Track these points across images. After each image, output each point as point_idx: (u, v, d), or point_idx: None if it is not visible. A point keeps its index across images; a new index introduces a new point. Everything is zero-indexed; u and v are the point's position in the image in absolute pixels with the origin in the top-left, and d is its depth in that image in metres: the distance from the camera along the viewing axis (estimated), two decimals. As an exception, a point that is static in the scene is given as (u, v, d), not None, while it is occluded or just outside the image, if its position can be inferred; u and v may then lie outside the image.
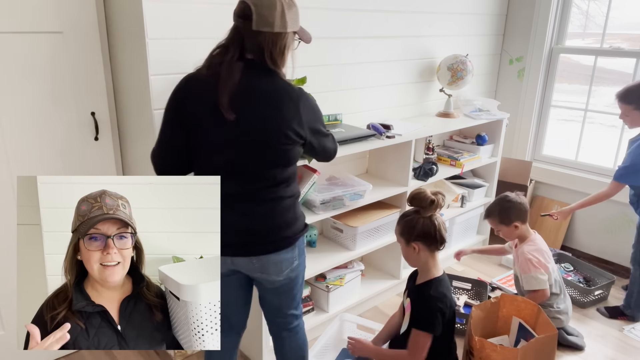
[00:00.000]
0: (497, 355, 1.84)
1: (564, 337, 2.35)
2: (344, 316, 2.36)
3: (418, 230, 1.79)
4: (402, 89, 2.88)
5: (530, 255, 2.31)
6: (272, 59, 1.41)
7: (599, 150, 3.30)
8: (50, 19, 1.83)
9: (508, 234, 2.41)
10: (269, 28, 1.36)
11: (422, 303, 1.81)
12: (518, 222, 2.35)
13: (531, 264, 2.28)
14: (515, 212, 2.35)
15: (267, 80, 1.42)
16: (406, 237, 1.83)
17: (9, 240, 1.94)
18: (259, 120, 1.39)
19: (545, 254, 2.35)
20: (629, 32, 3.24)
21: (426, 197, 1.76)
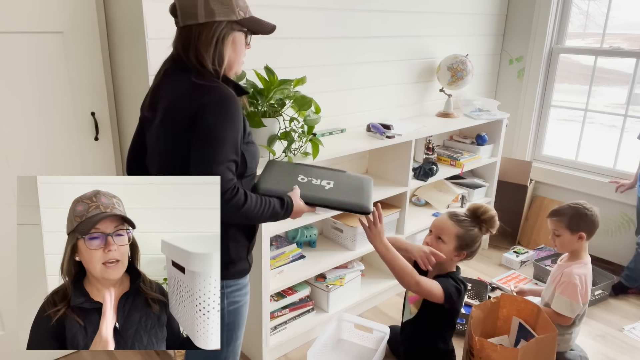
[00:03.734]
0: (497, 355, 1.84)
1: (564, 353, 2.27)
2: (341, 316, 2.36)
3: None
4: (402, 89, 2.88)
5: (579, 281, 2.13)
6: (197, 55, 1.25)
7: (599, 150, 3.30)
8: (50, 19, 1.83)
9: (567, 243, 2.22)
10: (193, 20, 1.24)
11: (442, 277, 1.87)
12: (584, 233, 2.19)
13: (574, 292, 2.12)
14: (587, 224, 2.19)
15: (178, 82, 1.28)
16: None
17: (9, 240, 1.94)
18: (159, 123, 1.34)
19: (590, 283, 2.20)
20: (629, 32, 3.24)
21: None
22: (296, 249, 2.35)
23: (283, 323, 2.29)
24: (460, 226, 1.86)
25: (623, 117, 3.14)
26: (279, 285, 2.16)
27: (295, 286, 2.34)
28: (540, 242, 3.39)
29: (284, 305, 2.30)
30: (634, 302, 2.83)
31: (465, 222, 1.88)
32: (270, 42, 2.14)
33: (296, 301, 2.35)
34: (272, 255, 2.21)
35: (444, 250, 1.86)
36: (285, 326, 2.30)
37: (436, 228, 1.92)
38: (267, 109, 1.96)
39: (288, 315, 2.31)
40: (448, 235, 1.87)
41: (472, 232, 1.87)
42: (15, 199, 1.84)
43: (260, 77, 1.94)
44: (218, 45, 1.26)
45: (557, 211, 2.26)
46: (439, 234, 1.90)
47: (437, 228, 1.91)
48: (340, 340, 2.38)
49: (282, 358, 2.29)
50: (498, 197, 3.34)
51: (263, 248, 1.99)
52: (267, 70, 1.95)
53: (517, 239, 3.48)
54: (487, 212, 1.88)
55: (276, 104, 1.97)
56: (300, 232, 2.44)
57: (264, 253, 2.00)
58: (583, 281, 2.15)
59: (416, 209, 3.02)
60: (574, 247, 2.23)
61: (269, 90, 1.91)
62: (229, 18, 1.25)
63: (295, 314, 2.35)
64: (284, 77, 1.97)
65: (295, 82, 1.97)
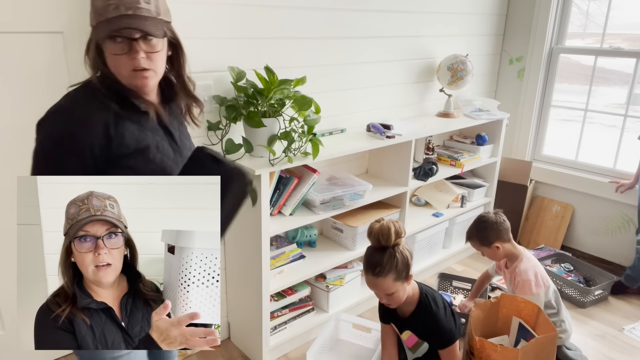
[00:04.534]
0: (497, 355, 1.84)
1: (564, 353, 2.27)
2: (339, 316, 2.36)
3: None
4: (402, 89, 2.89)
5: (528, 275, 2.17)
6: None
7: (599, 150, 3.30)
8: (50, 19, 1.83)
9: (492, 256, 2.27)
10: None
11: (434, 325, 1.79)
12: (498, 243, 2.21)
13: (529, 287, 2.15)
14: (494, 232, 2.21)
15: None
16: None
17: (9, 240, 1.94)
18: None
19: (541, 270, 2.24)
20: (629, 32, 3.24)
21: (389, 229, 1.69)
22: (296, 249, 2.35)
23: (283, 323, 2.30)
24: (388, 272, 1.70)
25: (623, 117, 3.15)
26: (279, 285, 2.16)
27: (295, 286, 2.34)
28: (540, 242, 3.39)
29: (284, 305, 2.30)
30: (634, 302, 2.83)
31: (387, 263, 1.70)
32: (270, 42, 2.14)
33: (296, 301, 2.35)
34: (272, 255, 2.21)
35: (399, 295, 1.76)
36: (285, 326, 2.30)
37: (379, 290, 1.76)
38: (267, 109, 1.96)
39: (288, 315, 2.31)
40: (392, 287, 1.73)
41: (397, 262, 1.70)
42: (16, 199, 1.84)
43: (260, 77, 1.94)
44: (88, 54, 1.24)
45: (467, 234, 2.33)
46: (384, 292, 1.75)
47: (378, 290, 1.76)
48: (339, 341, 2.38)
49: (282, 358, 2.29)
50: (498, 197, 3.34)
51: (263, 248, 1.99)
52: (267, 70, 1.95)
53: (517, 239, 3.48)
54: (389, 233, 1.68)
55: (276, 104, 1.97)
56: (300, 232, 2.44)
57: (264, 253, 2.00)
58: (533, 272, 2.19)
59: (416, 209, 3.02)
60: (500, 256, 2.26)
61: (269, 90, 1.92)
62: (93, 24, 1.20)
63: (296, 314, 2.35)
64: (284, 77, 1.97)
65: (295, 82, 1.97)
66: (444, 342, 1.80)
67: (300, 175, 2.18)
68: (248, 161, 1.95)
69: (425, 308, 1.81)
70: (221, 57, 2.00)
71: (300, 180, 2.18)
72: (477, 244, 2.29)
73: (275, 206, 2.16)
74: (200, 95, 1.95)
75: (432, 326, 1.80)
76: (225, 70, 1.97)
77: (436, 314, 1.80)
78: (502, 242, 2.23)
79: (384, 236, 1.69)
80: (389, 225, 1.70)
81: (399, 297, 1.76)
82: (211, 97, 1.99)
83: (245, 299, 2.20)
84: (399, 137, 2.45)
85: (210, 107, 2.01)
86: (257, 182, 1.90)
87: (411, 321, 1.86)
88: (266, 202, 1.95)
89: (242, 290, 2.21)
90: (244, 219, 2.02)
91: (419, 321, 1.83)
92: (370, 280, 1.75)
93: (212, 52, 1.97)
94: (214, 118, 2.03)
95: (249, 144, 1.95)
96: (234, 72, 1.93)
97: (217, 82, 2.01)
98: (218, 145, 2.02)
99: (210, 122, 2.00)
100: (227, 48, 2.01)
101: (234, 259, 2.21)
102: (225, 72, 1.99)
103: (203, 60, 1.95)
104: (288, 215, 2.18)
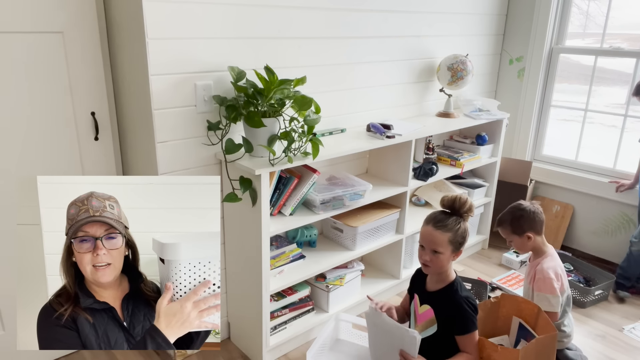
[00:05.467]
0: (498, 356, 1.83)
1: (564, 353, 2.25)
2: (339, 316, 2.36)
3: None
4: (402, 89, 2.88)
5: (550, 274, 2.13)
6: None
7: (599, 150, 3.30)
8: (50, 19, 1.83)
9: (521, 246, 2.24)
10: None
11: (459, 307, 1.80)
12: (531, 233, 2.18)
13: (550, 286, 2.12)
14: (529, 222, 2.18)
15: None
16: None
17: (9, 240, 1.94)
18: None
19: (562, 272, 2.21)
20: (629, 32, 3.24)
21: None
22: (296, 249, 2.35)
23: (283, 323, 2.30)
24: (449, 230, 1.78)
25: (623, 117, 3.14)
26: (279, 285, 2.16)
27: (296, 286, 2.34)
28: (540, 242, 3.39)
29: (284, 305, 2.30)
30: (634, 302, 2.83)
31: (451, 223, 1.79)
32: (270, 42, 2.14)
33: (296, 301, 2.35)
34: (272, 255, 2.21)
35: (442, 260, 1.80)
36: (285, 326, 2.30)
37: (428, 242, 1.81)
38: (267, 108, 1.96)
39: (288, 315, 2.31)
40: (442, 246, 1.78)
41: (460, 229, 1.79)
42: (16, 199, 1.84)
43: (260, 77, 1.94)
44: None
45: (499, 220, 2.30)
46: (433, 247, 1.80)
47: (429, 242, 1.81)
48: (338, 341, 2.37)
49: (282, 358, 2.29)
50: (498, 197, 3.34)
51: (263, 248, 1.99)
52: (267, 70, 1.95)
53: (517, 239, 3.47)
54: (465, 202, 1.79)
55: (276, 104, 1.97)
56: (300, 232, 2.44)
57: (264, 253, 2.00)
58: (557, 273, 2.17)
59: (416, 209, 3.01)
60: (529, 247, 2.24)
61: (269, 90, 1.91)
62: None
63: (296, 314, 2.35)
64: (284, 77, 1.97)
65: (295, 82, 1.97)
66: (465, 327, 1.80)
67: (300, 175, 2.18)
68: (248, 161, 1.95)
69: (455, 290, 1.83)
70: (221, 57, 2.00)
71: (300, 180, 2.18)
72: (508, 231, 2.24)
73: (275, 206, 2.16)
74: (200, 95, 1.96)
75: (457, 308, 1.81)
76: (225, 70, 1.97)
77: (463, 298, 1.81)
78: (535, 234, 2.21)
79: (459, 202, 1.79)
80: (467, 197, 1.81)
81: (441, 262, 1.80)
82: (211, 97, 1.99)
83: (245, 299, 2.20)
84: (399, 137, 2.45)
85: (211, 107, 2.01)
86: (257, 182, 1.90)
87: (436, 297, 1.86)
88: (266, 202, 1.94)
89: (242, 290, 2.21)
90: (244, 219, 2.02)
91: (444, 299, 1.84)
92: (427, 231, 1.81)
93: (212, 52, 1.97)
94: (214, 118, 2.02)
95: (249, 144, 1.95)
96: (234, 72, 1.93)
97: (217, 82, 2.01)
98: (218, 145, 2.02)
99: (210, 122, 2.00)
100: (227, 48, 2.01)
101: (234, 259, 2.21)
102: (225, 72, 1.99)
103: (203, 60, 1.95)
104: (288, 215, 2.18)
